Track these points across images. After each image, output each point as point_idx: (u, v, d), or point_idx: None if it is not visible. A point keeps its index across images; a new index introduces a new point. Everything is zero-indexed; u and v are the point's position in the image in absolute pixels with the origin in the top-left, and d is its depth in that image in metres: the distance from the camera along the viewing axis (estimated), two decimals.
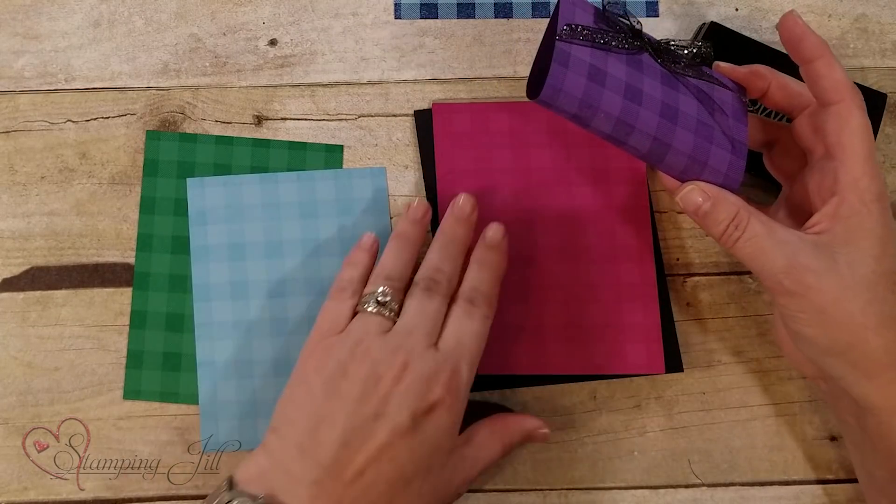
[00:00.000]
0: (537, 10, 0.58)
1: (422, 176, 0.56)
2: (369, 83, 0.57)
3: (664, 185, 0.48)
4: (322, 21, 0.58)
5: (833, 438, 0.55)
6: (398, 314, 0.47)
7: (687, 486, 0.54)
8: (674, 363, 0.54)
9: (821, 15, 0.58)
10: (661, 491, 0.54)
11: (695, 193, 0.46)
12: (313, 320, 0.51)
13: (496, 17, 0.58)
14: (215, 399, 0.54)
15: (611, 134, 0.46)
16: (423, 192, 0.56)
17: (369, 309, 0.47)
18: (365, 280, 0.50)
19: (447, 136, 0.55)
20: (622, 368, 0.53)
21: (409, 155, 0.56)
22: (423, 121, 0.56)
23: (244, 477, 0.45)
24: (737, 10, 0.58)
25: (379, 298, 0.47)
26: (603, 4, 0.47)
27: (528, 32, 0.58)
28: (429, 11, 0.58)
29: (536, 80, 0.47)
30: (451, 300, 0.49)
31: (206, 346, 0.54)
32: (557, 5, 0.46)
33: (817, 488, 0.54)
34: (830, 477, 0.54)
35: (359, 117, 0.57)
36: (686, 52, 0.48)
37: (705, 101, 0.47)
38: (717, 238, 0.46)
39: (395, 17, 0.58)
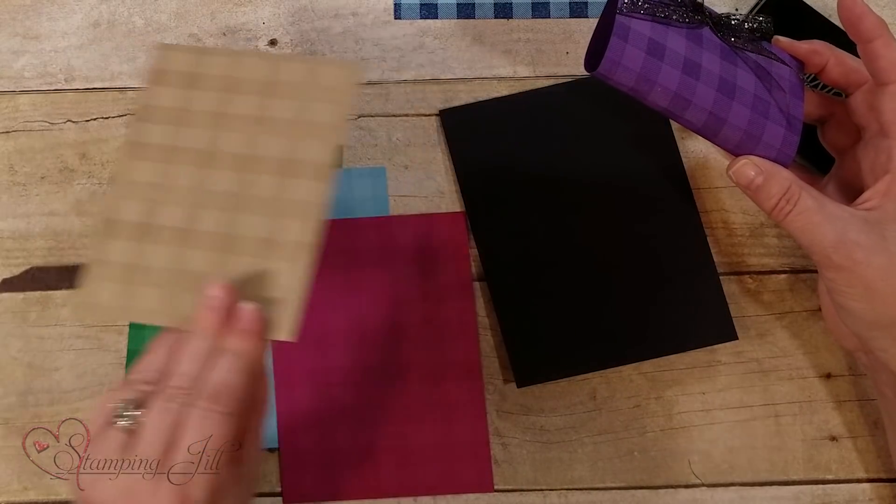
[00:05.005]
0: (537, 10, 0.58)
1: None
2: (369, 83, 0.57)
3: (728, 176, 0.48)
4: (322, 21, 0.58)
5: (833, 438, 0.55)
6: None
7: (687, 486, 0.54)
8: (726, 332, 0.54)
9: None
10: (661, 491, 0.54)
11: (748, 168, 0.47)
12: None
13: (496, 18, 0.58)
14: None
15: (667, 108, 0.46)
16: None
17: (115, 423, 0.41)
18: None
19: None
20: (453, 489, 0.54)
21: (409, 155, 0.56)
22: (450, 119, 0.56)
23: None
24: None
25: (121, 411, 0.41)
26: None
27: (528, 32, 0.58)
28: (429, 11, 0.58)
29: (595, 53, 0.46)
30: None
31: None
32: None
33: (817, 488, 0.54)
34: (830, 477, 0.54)
35: (359, 117, 0.57)
36: (746, 26, 0.48)
37: (763, 77, 0.47)
38: (769, 212, 0.47)
39: (395, 18, 0.58)
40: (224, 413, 0.41)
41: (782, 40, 0.49)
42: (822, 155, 0.53)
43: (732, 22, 0.48)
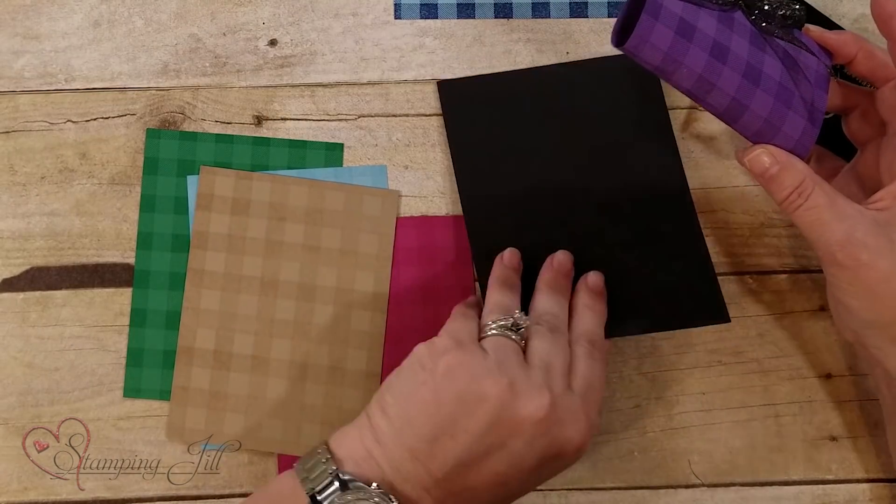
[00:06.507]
0: (537, 10, 0.58)
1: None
2: (369, 83, 0.57)
3: (737, 159, 0.48)
4: (322, 21, 0.58)
5: (833, 438, 0.55)
6: (524, 348, 0.46)
7: (687, 486, 0.54)
8: (716, 313, 0.53)
9: None
10: (661, 491, 0.54)
11: (764, 156, 0.47)
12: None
13: (496, 17, 0.58)
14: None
15: (690, 90, 0.46)
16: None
17: (495, 332, 0.45)
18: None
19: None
20: None
21: (409, 155, 0.56)
22: (448, 92, 0.56)
23: (350, 455, 0.43)
24: None
25: (519, 322, 0.46)
26: None
27: (528, 32, 0.58)
28: (429, 11, 0.58)
29: (624, 28, 0.46)
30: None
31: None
32: None
33: (817, 488, 0.54)
34: (830, 477, 0.54)
35: (359, 117, 0.57)
36: (780, 13, 0.47)
37: (790, 65, 0.47)
38: (779, 202, 0.47)
39: (395, 18, 0.58)
40: (602, 358, 0.47)
41: (812, 29, 0.49)
42: (844, 144, 0.52)
43: (766, 7, 0.47)
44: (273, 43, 0.57)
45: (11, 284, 0.55)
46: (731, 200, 0.56)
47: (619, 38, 0.45)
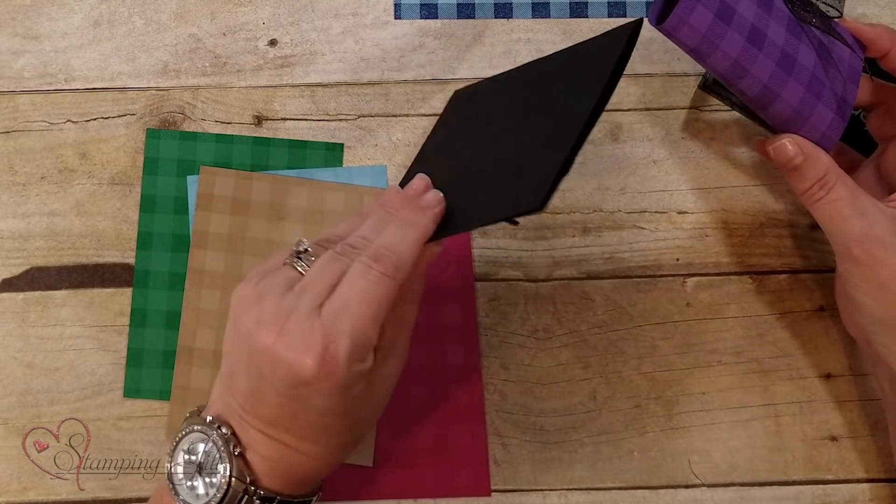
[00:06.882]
0: (537, 11, 0.58)
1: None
2: (369, 83, 0.57)
3: (757, 151, 0.47)
4: (322, 21, 0.58)
5: (833, 438, 0.55)
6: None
7: (687, 486, 0.54)
8: (529, 198, 0.40)
9: None
10: (661, 491, 0.54)
11: (788, 146, 0.46)
12: None
13: (496, 17, 0.58)
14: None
15: (724, 74, 0.45)
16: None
17: (286, 262, 0.43)
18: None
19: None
20: (450, 492, 0.54)
21: (409, 155, 0.56)
22: (455, 101, 0.53)
23: (210, 399, 0.44)
24: None
25: (297, 250, 0.44)
26: None
27: (528, 32, 0.58)
28: (429, 12, 0.58)
29: (663, 6, 0.45)
30: None
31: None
32: None
33: (817, 488, 0.54)
34: (830, 477, 0.54)
35: (359, 117, 0.57)
36: (819, 1, 0.47)
37: (824, 56, 0.47)
38: (800, 194, 0.47)
39: (395, 18, 0.58)
40: (380, 273, 0.41)
41: (848, 21, 0.49)
42: (861, 139, 0.52)
43: None
44: (273, 43, 0.57)
45: (11, 284, 0.55)
46: (731, 200, 0.56)
47: (658, 16, 0.45)
